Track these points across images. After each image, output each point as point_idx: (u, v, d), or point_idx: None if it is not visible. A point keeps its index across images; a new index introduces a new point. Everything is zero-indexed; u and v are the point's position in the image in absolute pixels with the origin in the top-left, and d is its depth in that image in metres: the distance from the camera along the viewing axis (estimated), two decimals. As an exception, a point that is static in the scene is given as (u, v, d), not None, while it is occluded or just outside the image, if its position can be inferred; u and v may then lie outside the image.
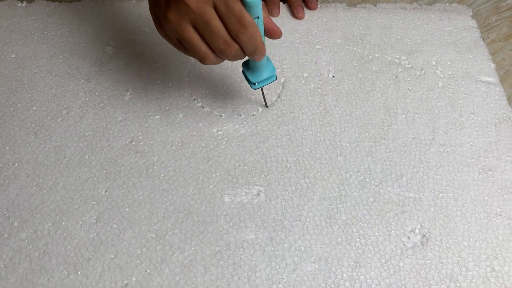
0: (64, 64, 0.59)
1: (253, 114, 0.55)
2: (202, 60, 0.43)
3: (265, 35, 0.44)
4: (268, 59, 0.48)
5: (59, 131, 0.53)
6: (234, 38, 0.41)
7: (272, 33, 0.44)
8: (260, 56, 0.43)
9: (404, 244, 0.46)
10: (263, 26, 0.43)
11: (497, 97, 0.57)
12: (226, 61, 0.44)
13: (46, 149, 0.52)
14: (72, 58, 0.60)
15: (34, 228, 0.47)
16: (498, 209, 0.49)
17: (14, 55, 0.60)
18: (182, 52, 0.44)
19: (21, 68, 0.59)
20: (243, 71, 0.49)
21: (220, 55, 0.42)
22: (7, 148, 0.52)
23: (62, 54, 0.60)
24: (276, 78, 0.50)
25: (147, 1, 0.65)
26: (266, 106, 0.56)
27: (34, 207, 0.48)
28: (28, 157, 0.51)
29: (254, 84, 0.49)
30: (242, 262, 0.45)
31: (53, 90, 0.57)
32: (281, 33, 0.45)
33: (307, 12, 0.66)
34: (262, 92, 0.54)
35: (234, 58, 0.43)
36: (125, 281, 0.44)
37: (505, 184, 0.50)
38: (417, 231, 0.47)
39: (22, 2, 0.66)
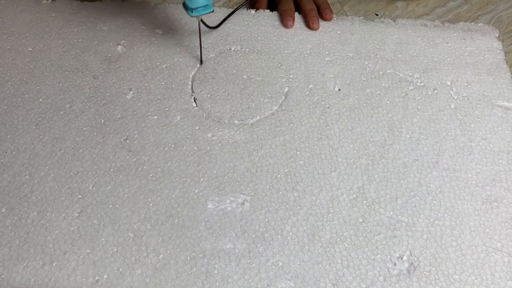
0: (75, 60, 0.61)
1: (251, 122, 0.54)
2: None
3: None
4: None
5: (59, 124, 0.54)
6: None
7: None
8: None
9: (388, 271, 0.44)
10: None
11: (514, 123, 0.54)
12: (232, 66, 0.43)
13: (44, 140, 0.53)
14: (84, 54, 0.61)
15: (19, 216, 0.47)
16: (499, 243, 0.45)
17: (30, 49, 0.62)
18: None
19: (34, 61, 0.61)
20: (183, 3, 0.53)
21: None
22: (8, 136, 0.53)
23: (75, 50, 0.62)
24: (213, 10, 0.53)
25: (164, 4, 0.67)
26: (201, 63, 0.59)
27: (23, 196, 0.49)
28: (26, 147, 0.52)
29: (192, 11, 0.52)
30: (216, 272, 0.44)
31: (60, 84, 0.58)
32: None
33: (322, 24, 0.64)
34: (200, 46, 0.57)
35: None
36: (96, 278, 0.43)
37: (511, 217, 0.46)
38: (405, 258, 0.44)
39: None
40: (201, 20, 0.59)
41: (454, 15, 0.65)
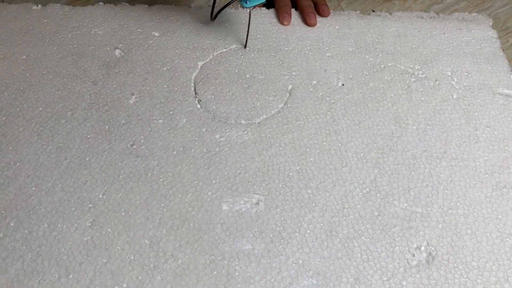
0: (72, 66, 0.59)
1: (258, 121, 0.54)
2: None
3: None
4: None
5: (62, 133, 0.53)
6: None
7: None
8: None
9: (408, 262, 0.44)
10: None
11: (516, 110, 0.55)
12: (233, 66, 0.43)
13: (48, 150, 0.52)
14: (81, 60, 0.60)
15: (29, 229, 0.46)
16: (512, 228, 0.46)
17: (24, 57, 0.60)
18: None
19: (30, 69, 0.59)
20: None
21: None
22: (10, 147, 0.52)
23: (71, 56, 0.60)
24: (265, 1, 0.55)
25: (159, 5, 0.66)
26: (245, 47, 0.61)
27: (31, 208, 0.48)
28: (30, 158, 0.51)
29: (246, 2, 0.54)
30: (237, 273, 0.43)
31: (59, 91, 0.57)
32: None
33: (319, 19, 0.64)
34: (247, 32, 0.58)
35: None
36: (116, 287, 0.43)
37: (521, 203, 0.47)
38: (423, 248, 0.45)
39: (37, 5, 0.66)
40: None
41: (451, 12, 0.66)
